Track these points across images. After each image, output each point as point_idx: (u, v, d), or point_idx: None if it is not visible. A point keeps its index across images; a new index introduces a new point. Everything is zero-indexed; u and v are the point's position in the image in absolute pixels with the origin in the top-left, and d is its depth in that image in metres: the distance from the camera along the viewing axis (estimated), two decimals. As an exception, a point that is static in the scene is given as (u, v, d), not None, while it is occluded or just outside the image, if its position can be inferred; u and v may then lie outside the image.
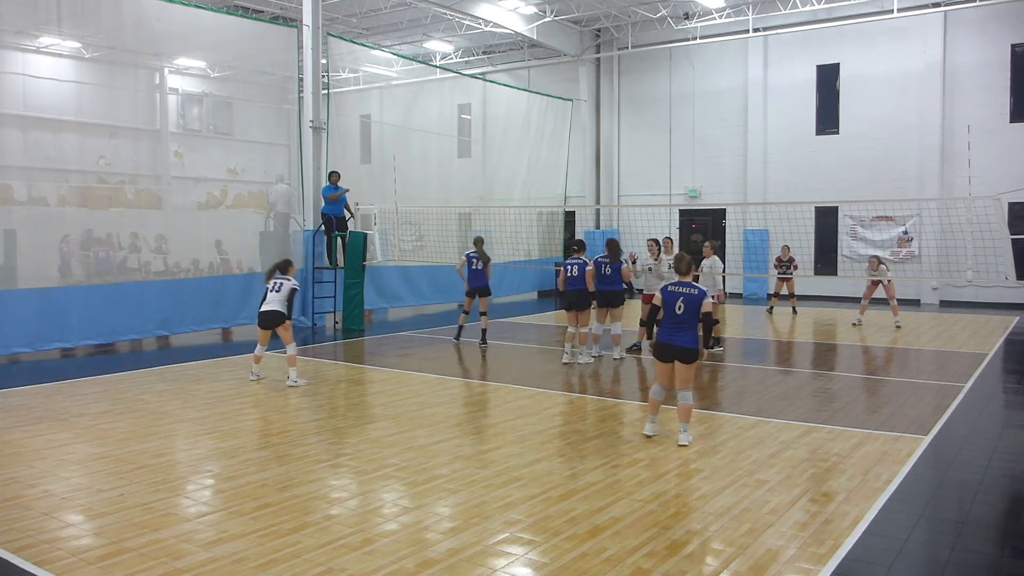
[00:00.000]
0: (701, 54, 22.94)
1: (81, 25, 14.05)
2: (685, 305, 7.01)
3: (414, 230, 19.53)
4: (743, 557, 4.65)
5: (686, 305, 7.01)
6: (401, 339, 14.46)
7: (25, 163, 13.09)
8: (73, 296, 12.63)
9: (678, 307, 7.04)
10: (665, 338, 7.10)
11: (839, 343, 14.06)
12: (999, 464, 6.62)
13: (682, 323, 7.03)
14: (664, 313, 7.16)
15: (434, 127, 21.03)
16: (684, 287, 7.12)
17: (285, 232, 16.32)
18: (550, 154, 24.38)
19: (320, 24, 15.82)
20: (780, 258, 17.75)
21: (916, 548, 4.91)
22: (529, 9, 21.40)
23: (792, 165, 21.80)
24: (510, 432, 7.58)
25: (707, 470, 6.35)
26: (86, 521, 5.29)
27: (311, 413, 8.59)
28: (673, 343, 7.05)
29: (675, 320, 7.05)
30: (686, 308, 7.01)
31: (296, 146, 16.48)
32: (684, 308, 7.01)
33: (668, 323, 7.11)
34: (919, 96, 20.03)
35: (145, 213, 14.71)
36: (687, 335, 7.02)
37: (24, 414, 8.35)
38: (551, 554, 4.70)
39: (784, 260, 17.61)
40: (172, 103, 17.70)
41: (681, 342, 7.02)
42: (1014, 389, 10.25)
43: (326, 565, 4.53)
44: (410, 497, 5.75)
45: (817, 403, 8.87)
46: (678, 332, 7.04)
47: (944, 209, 17.38)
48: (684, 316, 7.01)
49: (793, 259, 17.63)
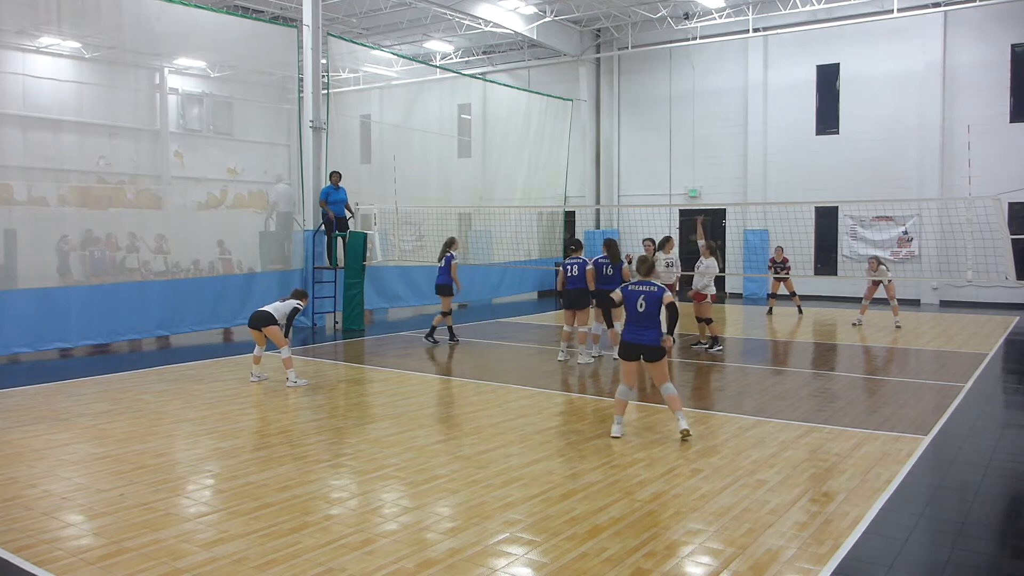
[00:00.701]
0: (701, 54, 22.94)
1: (81, 25, 14.05)
2: (646, 303, 7.16)
3: (414, 230, 19.54)
4: (743, 557, 4.65)
5: (647, 303, 7.15)
6: (401, 339, 14.46)
7: (25, 163, 13.08)
8: (73, 296, 12.63)
9: (639, 305, 7.18)
10: (630, 337, 7.24)
11: (839, 343, 14.05)
12: (999, 464, 6.62)
13: (644, 321, 7.16)
14: (627, 313, 7.30)
15: (434, 127, 21.03)
16: (644, 285, 7.28)
17: (287, 232, 16.31)
18: (550, 154, 24.38)
19: (320, 24, 15.82)
20: (774, 259, 17.70)
21: (916, 548, 4.91)
22: (529, 9, 21.40)
23: (792, 165, 21.80)
24: (510, 432, 7.58)
25: (707, 470, 6.35)
26: (86, 521, 5.29)
27: (311, 413, 8.59)
28: (639, 342, 7.17)
29: (637, 319, 7.20)
30: (647, 306, 7.16)
31: (296, 146, 16.48)
32: (645, 306, 7.16)
33: (632, 322, 7.26)
34: (919, 96, 20.04)
35: (145, 213, 14.70)
36: (651, 333, 7.15)
37: (24, 414, 8.35)
38: (551, 554, 4.70)
39: (778, 261, 17.53)
40: (172, 103, 17.70)
41: (646, 340, 7.15)
42: (1014, 389, 10.25)
43: (326, 565, 4.53)
44: (410, 497, 5.75)
45: (817, 403, 8.87)
46: (642, 331, 7.17)
47: (944, 209, 17.38)
48: (646, 313, 7.16)
49: (786, 260, 17.52)
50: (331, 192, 15.45)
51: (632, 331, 7.24)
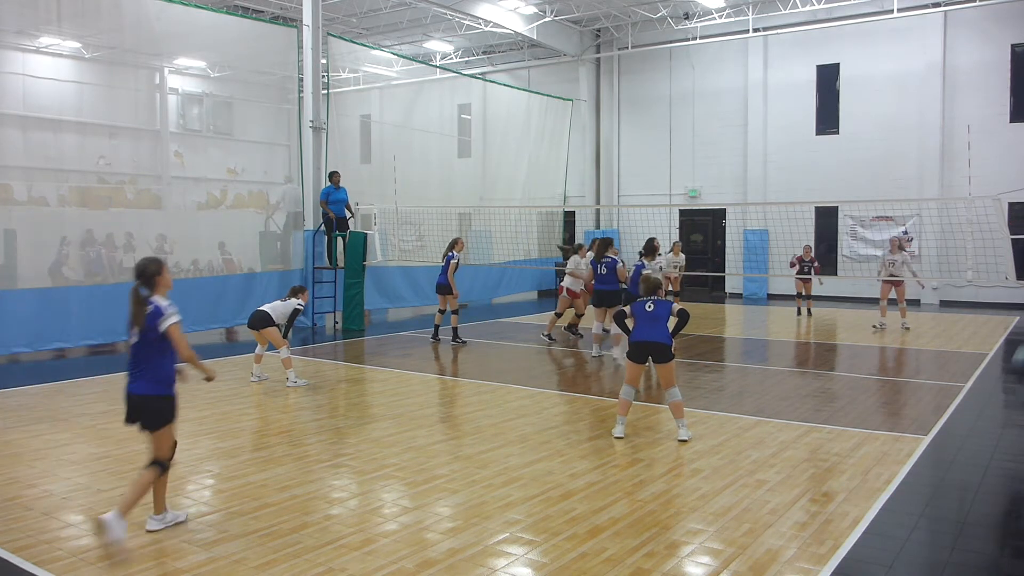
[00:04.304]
0: (701, 54, 22.94)
1: (81, 25, 14.05)
2: (656, 305, 7.33)
3: (414, 230, 19.53)
4: (743, 557, 4.65)
5: (656, 305, 7.33)
6: (401, 339, 14.46)
7: (25, 163, 13.07)
8: (73, 296, 12.62)
9: (648, 306, 7.34)
10: (640, 336, 7.28)
11: (839, 343, 14.05)
12: (999, 464, 6.62)
13: (654, 322, 7.28)
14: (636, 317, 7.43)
15: (434, 127, 21.02)
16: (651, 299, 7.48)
17: (296, 232, 16.29)
18: (550, 154, 24.38)
19: (320, 24, 15.82)
20: (802, 258, 16.93)
21: (916, 548, 4.91)
22: (529, 9, 21.40)
23: (792, 165, 21.80)
24: (510, 432, 7.57)
25: (707, 470, 6.35)
26: (86, 521, 5.28)
27: (311, 413, 8.59)
28: (649, 339, 7.23)
29: (648, 319, 7.30)
30: (656, 307, 7.32)
31: (296, 146, 16.48)
32: (655, 307, 7.32)
33: (641, 323, 7.36)
34: (919, 96, 20.03)
35: (145, 213, 14.69)
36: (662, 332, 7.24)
37: (24, 414, 8.36)
38: (551, 554, 4.70)
39: (807, 260, 16.87)
40: (172, 103, 17.68)
41: (656, 338, 7.21)
42: (1014, 389, 10.24)
43: (326, 565, 4.53)
44: (410, 497, 5.75)
45: (817, 403, 8.87)
46: (652, 331, 7.24)
47: (944, 209, 17.39)
48: (655, 314, 7.31)
49: (815, 259, 17.04)
50: (331, 192, 15.45)
51: (642, 331, 7.26)
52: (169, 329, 5.02)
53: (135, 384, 5.15)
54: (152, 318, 5.01)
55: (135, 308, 5.05)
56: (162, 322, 5.01)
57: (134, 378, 5.16)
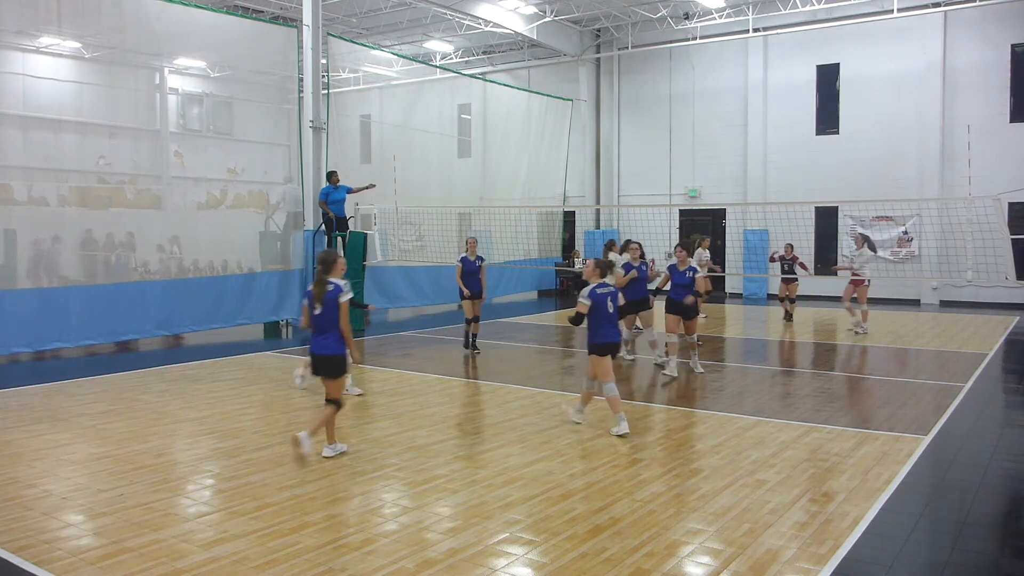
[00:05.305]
0: (701, 54, 22.94)
1: (81, 25, 14.04)
2: (614, 304, 7.60)
3: (414, 230, 19.52)
4: (743, 557, 4.65)
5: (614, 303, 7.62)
6: (401, 339, 14.46)
7: (25, 163, 13.07)
8: (73, 296, 12.62)
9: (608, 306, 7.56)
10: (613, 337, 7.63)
11: (839, 343, 14.05)
12: (999, 464, 6.62)
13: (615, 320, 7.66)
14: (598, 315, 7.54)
15: (434, 127, 21.02)
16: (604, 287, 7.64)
17: (292, 232, 16.28)
18: (550, 154, 24.38)
19: (320, 24, 15.80)
20: (783, 256, 15.97)
21: (916, 548, 4.91)
22: (529, 9, 21.39)
23: (792, 165, 21.80)
24: (510, 432, 7.58)
25: (707, 470, 6.35)
26: (86, 521, 5.29)
27: (311, 413, 8.58)
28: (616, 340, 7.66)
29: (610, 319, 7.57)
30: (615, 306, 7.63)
31: (296, 146, 16.47)
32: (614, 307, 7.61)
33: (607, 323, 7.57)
34: (919, 96, 20.03)
35: (145, 213, 14.69)
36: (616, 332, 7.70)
37: (24, 414, 8.35)
38: (551, 554, 4.70)
39: (787, 258, 15.92)
40: (172, 103, 17.67)
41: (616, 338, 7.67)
42: (1014, 389, 10.25)
43: (326, 565, 4.53)
44: (410, 497, 5.75)
45: (817, 403, 8.87)
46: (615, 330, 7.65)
47: (944, 209, 17.38)
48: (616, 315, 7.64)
49: (797, 258, 15.94)
50: (331, 192, 15.44)
51: (610, 332, 7.56)
52: (343, 303, 6.43)
53: (319, 345, 6.54)
54: (333, 293, 6.43)
55: (318, 288, 6.44)
56: (342, 296, 6.44)
57: (318, 342, 6.53)
